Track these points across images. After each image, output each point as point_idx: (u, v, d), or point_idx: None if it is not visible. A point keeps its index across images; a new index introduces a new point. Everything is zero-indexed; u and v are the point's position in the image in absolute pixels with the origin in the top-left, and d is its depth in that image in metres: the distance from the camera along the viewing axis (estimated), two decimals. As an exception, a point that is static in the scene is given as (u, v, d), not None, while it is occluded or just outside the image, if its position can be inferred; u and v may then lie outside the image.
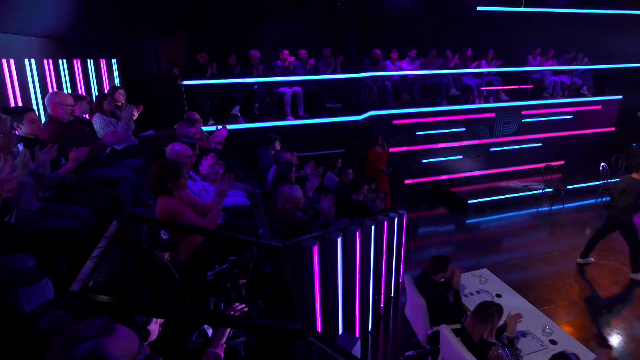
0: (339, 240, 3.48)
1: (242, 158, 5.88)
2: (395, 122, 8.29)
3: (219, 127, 4.92)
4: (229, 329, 2.02)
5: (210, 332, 2.07)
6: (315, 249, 3.17)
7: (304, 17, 8.55)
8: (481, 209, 8.39)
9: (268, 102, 7.43)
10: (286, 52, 7.61)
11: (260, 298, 3.01)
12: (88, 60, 5.38)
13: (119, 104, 5.50)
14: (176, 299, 2.49)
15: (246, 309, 2.13)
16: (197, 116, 5.53)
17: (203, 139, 5.34)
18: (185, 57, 7.97)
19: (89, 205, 3.33)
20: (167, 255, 2.39)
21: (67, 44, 4.64)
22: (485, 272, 4.52)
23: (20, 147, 3.15)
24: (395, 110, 8.29)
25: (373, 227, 4.16)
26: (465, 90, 9.05)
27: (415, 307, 3.85)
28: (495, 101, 9.16)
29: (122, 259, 2.39)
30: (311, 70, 7.69)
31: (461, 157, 9.16)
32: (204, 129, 5.87)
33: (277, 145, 5.90)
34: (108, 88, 6.05)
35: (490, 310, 3.00)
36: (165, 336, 2.08)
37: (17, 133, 3.25)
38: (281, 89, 7.47)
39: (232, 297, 2.47)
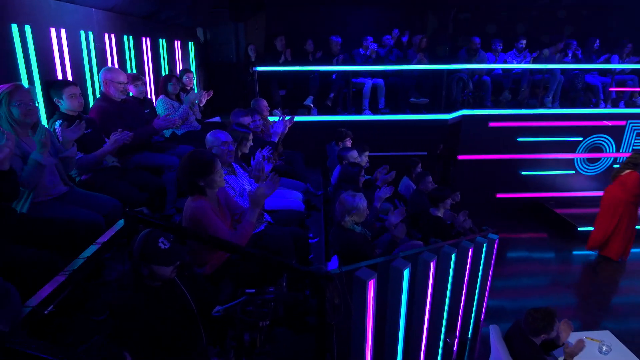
0: (406, 272, 2.67)
1: (310, 154, 5.30)
2: (492, 124, 7.03)
3: (280, 118, 4.36)
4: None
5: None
6: (371, 284, 2.41)
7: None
8: (595, 238, 6.77)
9: (345, 93, 6.75)
10: (370, 39, 6.85)
11: (296, 327, 2.37)
12: (160, 39, 5.18)
13: (188, 87, 5.27)
14: (183, 329, 1.94)
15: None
16: (264, 104, 5.05)
17: (265, 129, 4.84)
18: (264, 42, 7.64)
19: (125, 193, 2.98)
20: (170, 270, 1.84)
21: (134, 20, 4.42)
22: (607, 335, 3.31)
23: (57, 124, 2.89)
24: (493, 110, 7.04)
25: (454, 255, 3.25)
26: (586, 91, 7.40)
27: (502, 372, 2.89)
28: (627, 106, 7.35)
29: (120, 274, 1.91)
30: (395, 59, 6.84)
31: (573, 172, 7.53)
32: (271, 119, 5.39)
33: (348, 142, 5.18)
34: (180, 70, 5.87)
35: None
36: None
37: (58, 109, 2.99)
38: (361, 79, 6.75)
39: (247, 343, 1.84)
